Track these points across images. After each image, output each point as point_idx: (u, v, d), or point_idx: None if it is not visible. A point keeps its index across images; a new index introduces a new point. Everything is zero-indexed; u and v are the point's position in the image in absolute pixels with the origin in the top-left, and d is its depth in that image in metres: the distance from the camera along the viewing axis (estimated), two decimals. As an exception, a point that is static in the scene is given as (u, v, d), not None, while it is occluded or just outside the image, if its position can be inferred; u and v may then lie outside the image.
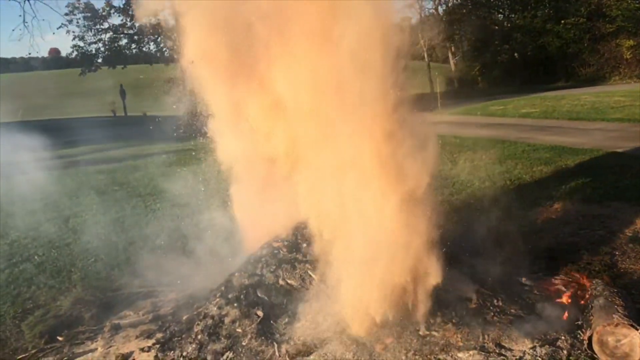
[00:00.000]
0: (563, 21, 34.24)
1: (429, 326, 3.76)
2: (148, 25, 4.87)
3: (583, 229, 5.98)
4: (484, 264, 4.60)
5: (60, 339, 4.39)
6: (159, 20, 4.84)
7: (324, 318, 3.90)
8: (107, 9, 33.58)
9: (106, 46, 35.15)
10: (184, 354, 3.88)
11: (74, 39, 34.35)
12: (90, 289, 5.32)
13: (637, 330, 3.34)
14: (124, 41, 35.73)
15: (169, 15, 4.68)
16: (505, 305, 4.05)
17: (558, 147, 11.16)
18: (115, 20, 33.98)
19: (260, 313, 4.03)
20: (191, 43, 4.31)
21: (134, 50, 36.44)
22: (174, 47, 4.49)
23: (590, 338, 3.48)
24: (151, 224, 7.38)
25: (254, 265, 4.42)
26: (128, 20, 32.98)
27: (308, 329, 3.87)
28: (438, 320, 3.79)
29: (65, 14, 33.32)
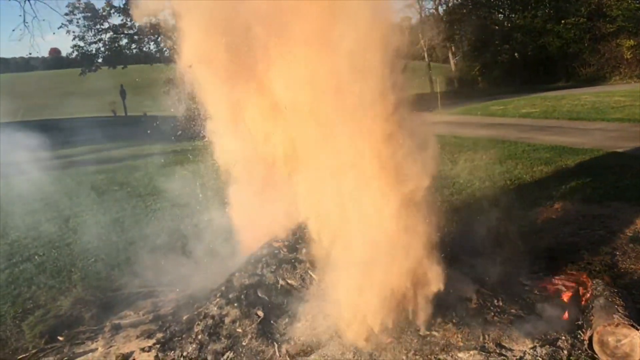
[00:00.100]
0: (563, 21, 34.24)
1: (429, 326, 3.76)
2: (148, 25, 4.86)
3: (583, 229, 5.98)
4: (484, 264, 4.60)
5: (60, 339, 4.39)
6: (157, 20, 4.84)
7: (324, 318, 3.90)
8: (108, 9, 33.64)
9: (106, 46, 35.18)
10: (185, 353, 3.88)
11: (74, 39, 34.43)
12: (91, 289, 5.32)
13: (638, 330, 3.34)
14: (124, 41, 35.79)
15: (168, 15, 4.67)
16: (505, 305, 4.05)
17: (558, 147, 11.16)
18: (116, 20, 34.04)
19: (260, 313, 4.03)
20: (189, 45, 4.29)
21: (134, 50, 36.48)
22: (173, 48, 4.48)
23: (590, 338, 3.48)
24: (151, 224, 7.39)
25: (255, 265, 4.42)
26: (128, 20, 32.99)
27: (308, 329, 3.88)
28: (438, 320, 3.79)
29: (66, 14, 33.39)
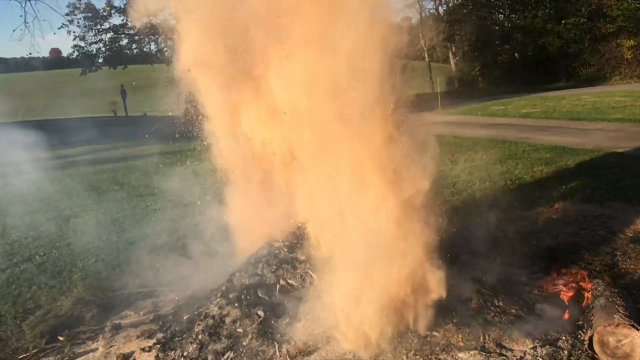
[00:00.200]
0: (563, 21, 34.26)
1: (429, 326, 3.75)
2: (148, 26, 4.85)
3: (584, 229, 5.98)
4: (484, 264, 4.61)
5: (61, 338, 4.39)
6: (155, 21, 4.83)
7: (324, 318, 3.90)
8: (108, 9, 33.68)
9: (107, 46, 35.22)
10: (185, 353, 3.88)
11: (74, 39, 34.49)
12: (91, 289, 5.32)
13: (638, 330, 3.34)
14: (124, 41, 35.83)
15: (165, 17, 4.65)
16: (505, 306, 4.05)
17: (558, 147, 11.16)
18: (116, 20, 34.08)
19: (261, 313, 4.03)
20: (188, 48, 4.27)
21: (134, 50, 36.49)
22: (172, 49, 4.47)
23: (591, 338, 3.47)
24: (152, 224, 7.39)
25: (255, 265, 4.42)
26: (129, 20, 32.96)
27: (309, 329, 3.87)
28: (439, 320, 3.78)
29: (66, 14, 33.46)
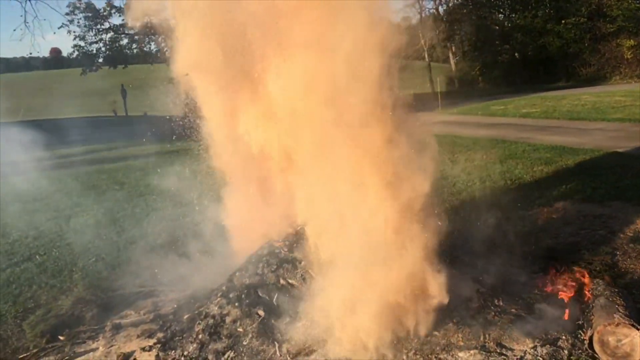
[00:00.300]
0: (564, 21, 34.26)
1: (430, 330, 3.72)
2: (148, 26, 4.84)
3: (584, 228, 5.98)
4: (484, 264, 4.61)
5: (61, 338, 4.40)
6: (154, 21, 4.81)
7: (319, 323, 3.87)
8: (108, 8, 33.65)
9: (107, 46, 35.18)
10: (185, 353, 3.88)
11: (75, 39, 34.42)
12: (92, 288, 5.32)
13: (638, 330, 3.34)
14: (124, 41, 35.77)
15: (163, 18, 4.63)
16: (506, 305, 4.06)
17: (559, 147, 11.16)
18: (116, 20, 34.04)
19: (261, 312, 4.04)
20: (185, 50, 4.25)
21: (134, 50, 36.46)
22: (170, 50, 4.45)
23: (591, 338, 3.48)
24: (152, 224, 7.39)
25: (255, 264, 4.42)
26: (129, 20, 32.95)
27: (309, 329, 3.87)
28: (439, 320, 3.77)
29: (66, 14, 33.39)
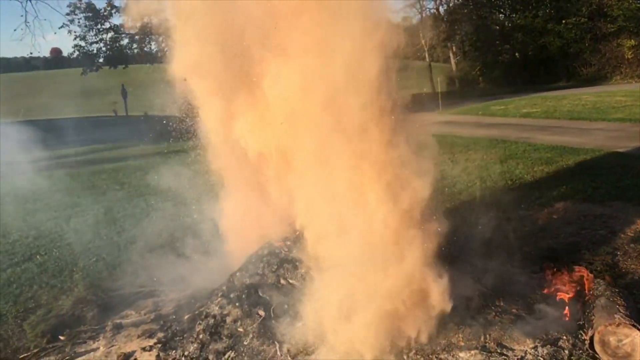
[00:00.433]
0: (564, 21, 34.23)
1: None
2: (148, 26, 4.83)
3: (584, 228, 5.98)
4: (485, 264, 4.60)
5: (62, 338, 4.40)
6: (153, 22, 4.80)
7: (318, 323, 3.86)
8: (109, 8, 33.64)
9: (107, 46, 35.16)
10: (186, 353, 3.88)
11: (75, 39, 34.39)
12: (92, 288, 5.33)
13: (639, 330, 3.34)
14: (125, 41, 35.77)
15: (161, 20, 4.62)
16: (506, 305, 4.05)
17: (559, 147, 11.16)
18: (117, 20, 34.04)
19: (262, 312, 4.04)
20: (184, 54, 4.24)
21: (135, 50, 36.46)
22: (168, 52, 4.44)
23: (591, 338, 3.48)
24: (152, 224, 7.38)
25: (256, 264, 4.42)
26: (130, 20, 32.96)
27: (309, 329, 3.87)
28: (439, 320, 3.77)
29: (67, 14, 33.36)
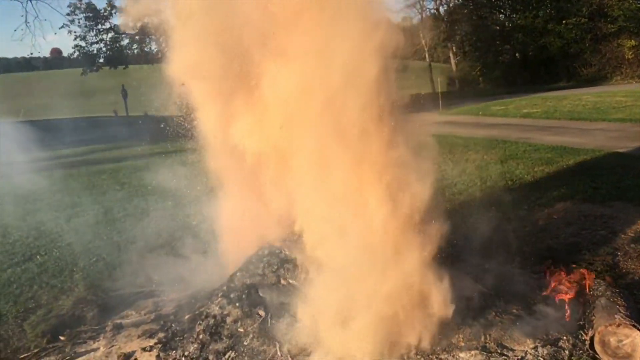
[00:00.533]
0: (564, 21, 34.27)
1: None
2: (145, 28, 4.82)
3: (585, 229, 5.97)
4: (485, 264, 4.61)
5: (62, 338, 4.40)
6: (150, 25, 4.79)
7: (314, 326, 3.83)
8: (109, 9, 33.69)
9: (108, 46, 35.23)
10: (186, 353, 3.88)
11: (75, 39, 34.50)
12: (92, 288, 5.32)
13: (639, 330, 3.34)
14: (125, 41, 35.84)
15: (160, 22, 4.59)
16: (506, 306, 4.05)
17: (559, 147, 11.16)
18: (117, 20, 34.08)
19: (262, 313, 4.03)
20: (182, 56, 4.20)
21: (135, 50, 36.50)
22: (167, 53, 4.42)
23: (592, 338, 3.47)
24: (153, 224, 7.39)
25: (256, 264, 4.42)
26: (130, 20, 32.96)
27: (306, 332, 3.86)
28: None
29: (67, 14, 33.47)
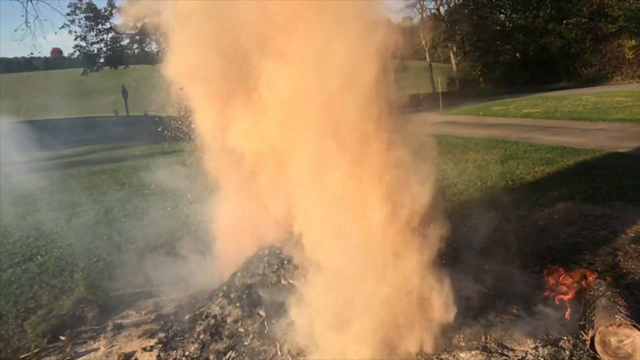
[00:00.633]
0: (565, 21, 34.27)
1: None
2: (144, 29, 4.82)
3: (585, 229, 5.97)
4: (486, 264, 4.60)
5: (62, 338, 4.40)
6: (149, 25, 4.78)
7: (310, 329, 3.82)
8: (109, 9, 33.72)
9: (108, 46, 35.26)
10: (186, 353, 3.88)
11: (76, 39, 34.54)
12: (93, 288, 5.32)
13: (640, 330, 3.34)
14: (125, 41, 35.87)
15: (159, 23, 4.59)
16: (507, 306, 4.05)
17: (560, 147, 11.16)
18: (117, 20, 34.10)
19: (262, 313, 4.04)
20: (180, 59, 4.21)
21: (135, 50, 36.54)
22: (165, 54, 4.41)
23: (592, 338, 3.47)
24: (153, 224, 7.39)
25: (256, 265, 4.42)
26: (130, 20, 32.98)
27: (307, 331, 3.86)
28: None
29: (68, 14, 33.51)
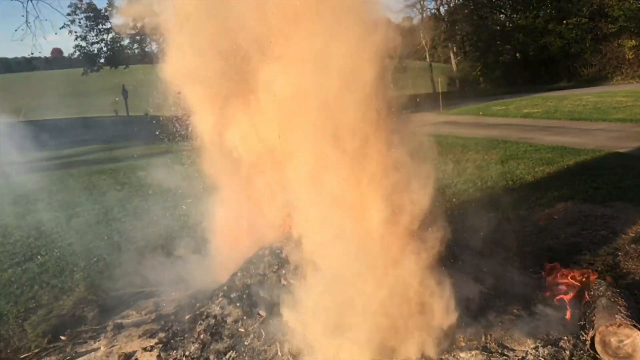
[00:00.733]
0: (565, 21, 34.26)
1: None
2: (142, 30, 4.81)
3: (585, 229, 5.97)
4: (486, 264, 4.60)
5: (63, 338, 4.40)
6: (148, 26, 4.78)
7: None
8: (110, 9, 33.72)
9: (108, 46, 35.31)
10: (187, 353, 3.88)
11: (76, 39, 34.62)
12: (93, 288, 5.32)
13: (640, 330, 3.34)
14: (126, 41, 35.90)
15: (157, 24, 4.58)
16: (507, 306, 4.05)
17: (560, 148, 11.16)
18: (116, 20, 34.10)
19: (262, 312, 4.04)
20: (179, 61, 4.21)
21: (136, 50, 36.56)
22: (163, 55, 4.41)
23: (592, 338, 3.47)
24: (153, 224, 7.39)
25: (257, 265, 4.42)
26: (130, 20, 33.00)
27: (303, 334, 3.85)
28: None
29: (68, 14, 33.60)
